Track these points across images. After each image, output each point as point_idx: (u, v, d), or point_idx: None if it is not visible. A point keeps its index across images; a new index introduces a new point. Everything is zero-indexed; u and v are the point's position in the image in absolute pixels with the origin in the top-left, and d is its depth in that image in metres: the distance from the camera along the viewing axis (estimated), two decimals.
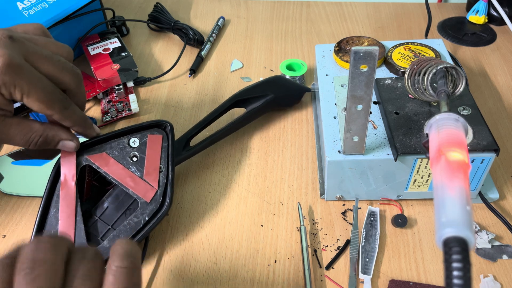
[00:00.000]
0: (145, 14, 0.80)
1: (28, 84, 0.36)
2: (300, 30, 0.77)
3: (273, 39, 0.75)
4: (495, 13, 0.75)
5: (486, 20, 0.75)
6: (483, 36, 0.73)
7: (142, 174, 0.44)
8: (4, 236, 0.47)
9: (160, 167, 0.45)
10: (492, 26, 0.75)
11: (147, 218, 0.43)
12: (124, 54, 0.65)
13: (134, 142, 0.45)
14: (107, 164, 0.44)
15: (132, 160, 0.45)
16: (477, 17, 0.75)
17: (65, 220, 0.42)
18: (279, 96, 0.57)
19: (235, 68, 0.69)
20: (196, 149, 0.52)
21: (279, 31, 0.77)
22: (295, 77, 0.61)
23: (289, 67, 0.64)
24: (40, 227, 0.42)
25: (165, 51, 0.73)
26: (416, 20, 0.78)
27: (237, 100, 0.55)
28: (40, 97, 0.37)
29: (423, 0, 0.78)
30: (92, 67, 0.63)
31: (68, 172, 0.44)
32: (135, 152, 0.45)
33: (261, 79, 0.57)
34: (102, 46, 0.67)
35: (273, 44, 0.74)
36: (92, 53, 0.66)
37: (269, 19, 0.80)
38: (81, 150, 0.44)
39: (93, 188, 0.47)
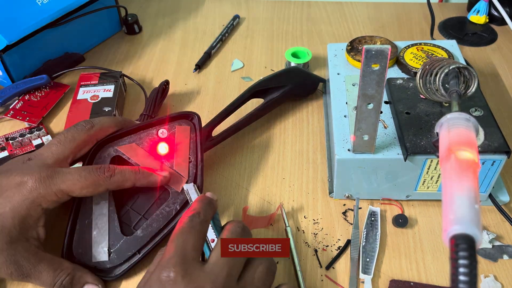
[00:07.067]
0: (145, 13, 0.80)
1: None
2: (300, 30, 0.77)
3: (273, 39, 0.75)
4: (496, 13, 0.75)
5: (487, 20, 0.75)
6: (484, 36, 0.73)
7: (172, 165, 0.45)
8: None
9: (189, 158, 0.46)
10: (493, 26, 0.75)
11: (178, 208, 0.44)
12: (107, 110, 0.57)
13: (163, 133, 0.47)
14: (137, 155, 0.45)
15: (161, 151, 0.46)
16: (478, 17, 0.74)
17: (99, 210, 0.43)
18: (296, 86, 0.58)
19: (235, 68, 0.69)
20: (218, 138, 0.53)
21: (279, 31, 0.77)
22: (300, 64, 0.64)
23: (294, 55, 0.66)
24: (75, 216, 0.44)
25: (166, 51, 0.73)
26: (417, 20, 0.78)
27: (256, 90, 0.56)
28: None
29: (424, 0, 0.78)
30: (67, 113, 0.57)
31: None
32: (164, 143, 0.46)
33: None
34: (93, 92, 0.59)
35: (274, 44, 0.74)
36: (78, 97, 0.59)
37: (270, 19, 0.80)
38: (111, 141, 0.46)
39: None
